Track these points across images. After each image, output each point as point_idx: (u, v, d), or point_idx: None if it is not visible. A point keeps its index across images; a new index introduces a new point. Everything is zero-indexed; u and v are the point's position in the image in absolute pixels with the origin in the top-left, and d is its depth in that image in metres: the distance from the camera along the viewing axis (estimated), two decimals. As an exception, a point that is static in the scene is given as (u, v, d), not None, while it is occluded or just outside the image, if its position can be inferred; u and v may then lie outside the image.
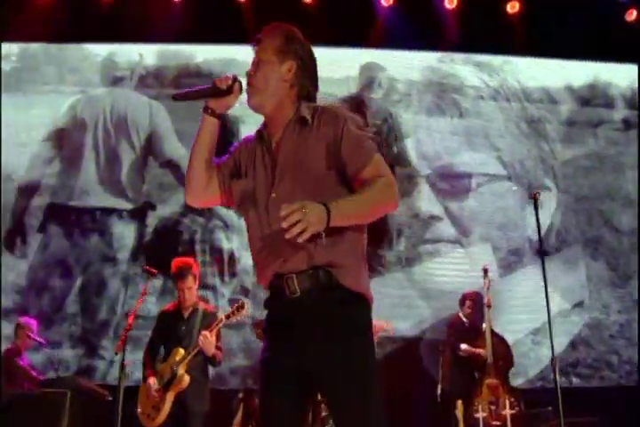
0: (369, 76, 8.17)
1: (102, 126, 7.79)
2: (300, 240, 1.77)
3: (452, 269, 7.31)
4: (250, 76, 2.14)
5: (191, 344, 4.65)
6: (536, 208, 4.39)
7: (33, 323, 5.80)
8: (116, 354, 4.31)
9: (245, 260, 7.32)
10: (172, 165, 7.55)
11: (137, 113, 7.83)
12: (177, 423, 4.58)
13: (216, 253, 7.37)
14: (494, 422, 5.56)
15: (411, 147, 7.93)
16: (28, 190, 7.52)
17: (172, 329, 4.84)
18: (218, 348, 4.71)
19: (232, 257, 7.36)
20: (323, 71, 2.29)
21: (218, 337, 4.73)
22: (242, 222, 7.57)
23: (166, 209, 7.48)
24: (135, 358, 5.04)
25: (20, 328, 5.71)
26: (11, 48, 8.12)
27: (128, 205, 7.48)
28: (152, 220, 7.46)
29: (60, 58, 8.14)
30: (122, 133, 7.76)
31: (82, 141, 7.71)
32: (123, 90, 8.00)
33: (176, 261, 5.00)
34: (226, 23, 7.89)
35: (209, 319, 4.72)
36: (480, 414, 5.58)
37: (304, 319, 1.96)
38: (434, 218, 7.59)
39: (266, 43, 2.14)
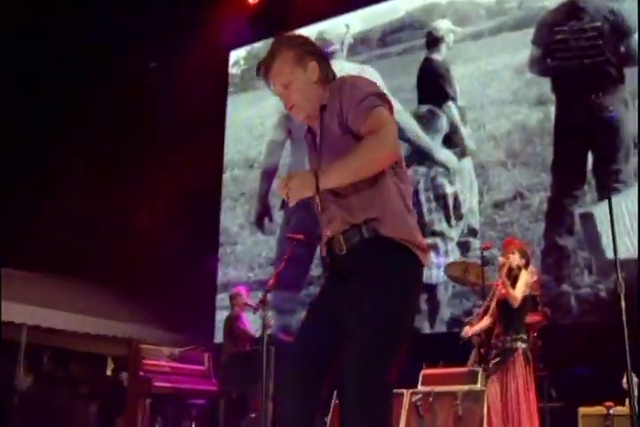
0: (581, -25, 7.21)
1: (322, 102, 8.25)
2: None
3: None
4: (287, 101, 2.17)
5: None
6: None
7: (244, 291, 6.42)
8: (255, 313, 4.56)
9: (470, 202, 7.11)
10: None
11: (351, 80, 8.11)
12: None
13: (440, 198, 7.28)
14: None
15: (643, 40, 6.79)
16: (269, 174, 8.35)
17: None
18: None
19: (456, 200, 7.20)
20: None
21: None
22: (462, 165, 7.31)
23: (389, 165, 7.59)
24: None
25: (234, 298, 6.38)
26: (239, 54, 9.07)
27: (355, 170, 7.78)
28: (378, 178, 7.63)
29: (277, 49, 8.80)
30: (341, 104, 8.11)
31: (306, 120, 8.26)
32: (335, 62, 8.34)
33: None
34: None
35: None
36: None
37: (345, 269, 2.08)
38: (680, 115, 6.40)
39: (279, 66, 2.16)
